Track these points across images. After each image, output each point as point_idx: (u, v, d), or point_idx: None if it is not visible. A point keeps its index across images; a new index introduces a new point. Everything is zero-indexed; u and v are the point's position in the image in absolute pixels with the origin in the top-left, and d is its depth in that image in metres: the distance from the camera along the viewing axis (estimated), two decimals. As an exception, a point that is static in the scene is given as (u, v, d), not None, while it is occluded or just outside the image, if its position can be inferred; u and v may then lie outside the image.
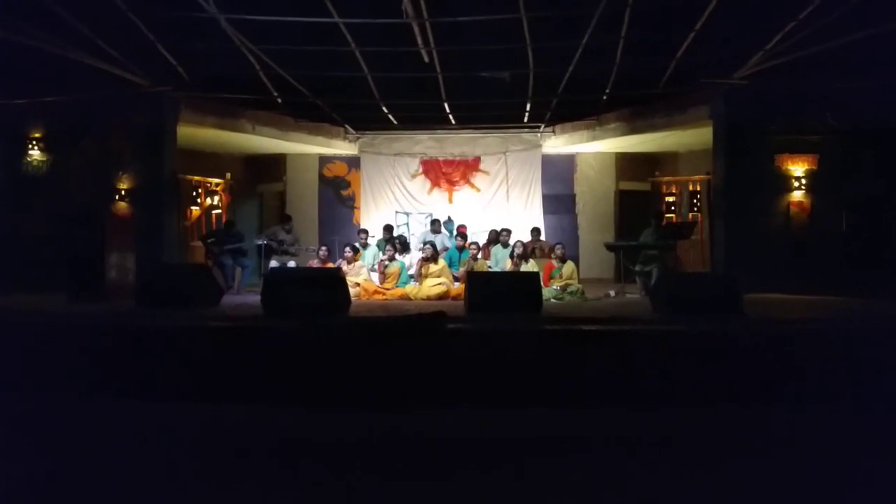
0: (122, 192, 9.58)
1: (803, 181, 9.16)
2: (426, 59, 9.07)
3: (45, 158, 9.76)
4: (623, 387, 5.21)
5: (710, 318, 6.19)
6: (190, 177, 11.51)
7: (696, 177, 11.47)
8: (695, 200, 11.49)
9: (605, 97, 10.45)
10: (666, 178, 12.05)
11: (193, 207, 11.71)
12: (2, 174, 9.78)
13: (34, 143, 9.73)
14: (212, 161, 12.16)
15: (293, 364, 5.48)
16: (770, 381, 5.23)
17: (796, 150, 9.24)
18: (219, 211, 12.10)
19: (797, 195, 9.18)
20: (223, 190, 12.33)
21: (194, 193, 11.76)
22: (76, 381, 5.30)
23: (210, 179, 12.06)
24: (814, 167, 9.18)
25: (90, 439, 4.27)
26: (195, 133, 10.42)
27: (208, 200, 12.02)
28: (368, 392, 5.18)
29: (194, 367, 5.47)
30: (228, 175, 12.42)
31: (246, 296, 8.84)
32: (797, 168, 9.20)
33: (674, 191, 11.88)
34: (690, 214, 11.47)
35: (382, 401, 5.04)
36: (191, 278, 7.58)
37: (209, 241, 10.08)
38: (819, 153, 9.16)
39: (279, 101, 10.67)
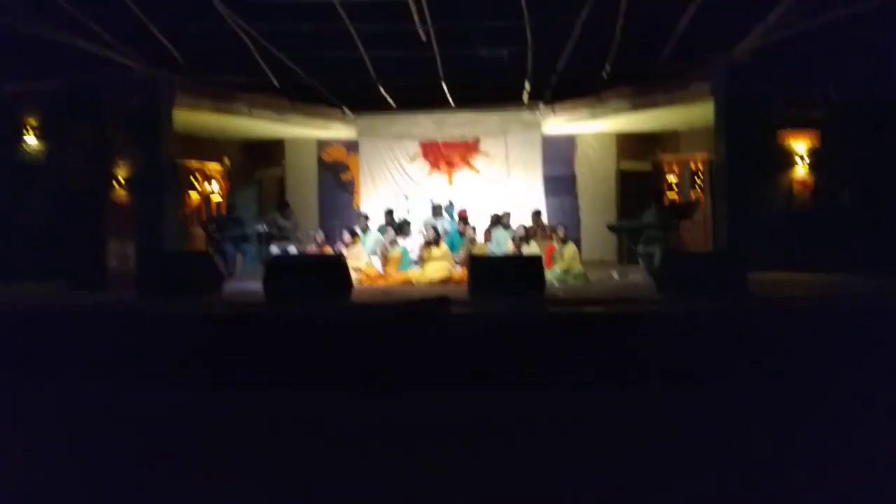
0: (121, 179, 9.49)
1: (806, 157, 9.08)
2: (423, 37, 8.94)
3: (41, 145, 9.67)
4: (630, 368, 5.18)
5: (716, 297, 6.16)
6: (188, 162, 11.41)
7: (698, 155, 11.37)
8: (696, 179, 11.42)
9: (605, 74, 10.32)
10: (667, 158, 11.95)
11: (192, 193, 11.63)
12: (-2, 162, 9.70)
13: (30, 129, 9.63)
14: (209, 146, 12.05)
15: (296, 350, 5.46)
16: (777, 359, 5.20)
17: (799, 125, 9.14)
18: (218, 197, 12.03)
19: (800, 172, 9.11)
20: (222, 176, 12.24)
21: (193, 179, 11.68)
22: (80, 370, 5.28)
23: (208, 165, 11.97)
24: (817, 143, 9.09)
25: (96, 428, 4.25)
26: (192, 117, 10.31)
27: (207, 186, 11.94)
28: (372, 377, 5.16)
29: (198, 354, 5.44)
30: (227, 160, 12.32)
31: (247, 282, 8.80)
32: (800, 144, 9.11)
33: (675, 170, 11.79)
34: (693, 193, 11.40)
35: (386, 386, 5.02)
36: (192, 265, 7.55)
37: (210, 227, 10.02)
38: (822, 129, 9.07)
39: (275, 82, 10.54)
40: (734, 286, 6.43)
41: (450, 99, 11.64)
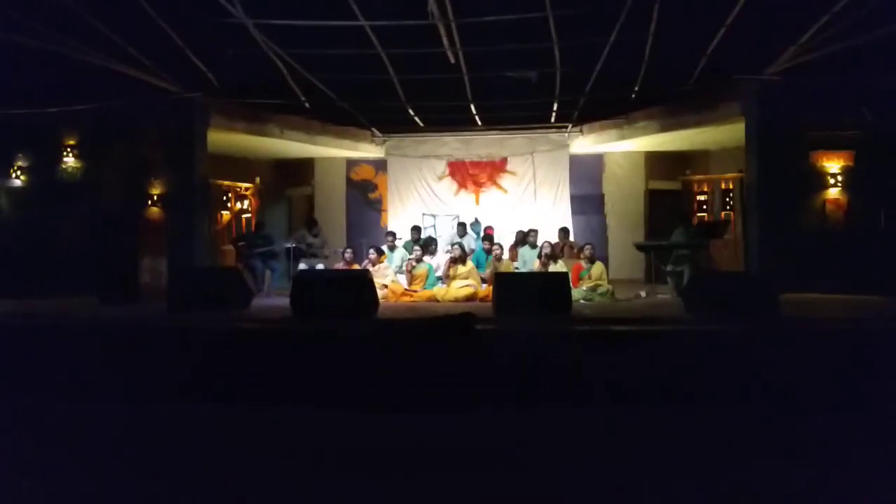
0: (155, 198, 9.72)
1: (839, 178, 8.94)
2: (452, 59, 9.05)
3: (79, 165, 9.96)
4: (656, 388, 5.12)
5: (745, 318, 6.06)
6: (220, 181, 11.64)
7: (729, 175, 11.26)
8: (727, 199, 11.29)
9: (633, 95, 10.31)
10: (697, 177, 11.85)
11: (224, 212, 11.85)
12: (38, 181, 10.02)
13: (68, 150, 9.94)
14: (241, 166, 12.29)
15: (322, 365, 5.50)
16: (806, 382, 5.09)
17: (832, 146, 9.01)
18: (248, 215, 12.24)
19: (833, 192, 8.96)
20: (252, 194, 12.46)
21: (224, 198, 11.90)
22: (109, 384, 5.38)
23: (240, 184, 12.20)
24: (850, 164, 8.95)
25: (121, 441, 4.32)
26: (225, 138, 10.53)
27: (238, 205, 12.16)
28: (396, 393, 5.16)
29: (226, 369, 5.51)
30: (258, 179, 12.55)
31: (275, 298, 8.90)
32: (833, 165, 8.98)
33: (705, 189, 11.68)
34: (723, 213, 11.27)
35: (410, 402, 5.02)
36: (221, 281, 7.68)
37: (240, 244, 10.18)
38: (855, 149, 8.93)
39: (306, 105, 10.74)
40: (765, 307, 6.30)
41: (477, 119, 11.73)
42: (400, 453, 4.01)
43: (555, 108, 11.21)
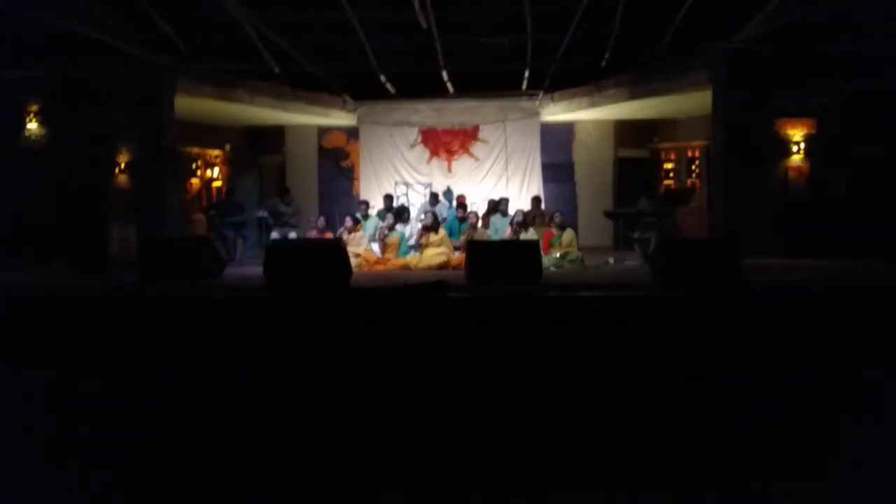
0: (122, 165, 9.55)
1: (802, 145, 9.14)
2: (424, 24, 8.98)
3: (43, 131, 9.70)
4: (623, 353, 5.27)
5: (710, 283, 6.25)
6: (189, 149, 11.48)
7: (695, 142, 11.44)
8: (693, 166, 11.50)
9: (604, 63, 10.37)
10: (665, 145, 12.01)
11: (193, 179, 11.71)
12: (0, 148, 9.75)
13: (32, 115, 9.67)
14: (211, 133, 12.10)
15: (295, 334, 5.55)
16: (770, 345, 5.29)
17: (796, 114, 9.19)
18: (219, 183, 12.11)
19: (796, 159, 9.17)
20: (223, 162, 12.31)
21: (194, 166, 11.75)
22: (79, 354, 5.37)
23: (209, 151, 12.04)
24: (813, 131, 9.15)
25: (97, 411, 4.34)
26: (193, 104, 10.35)
27: (208, 172, 12.02)
28: (369, 361, 5.24)
29: (199, 338, 5.53)
30: (228, 147, 12.38)
31: (248, 267, 8.89)
32: (796, 132, 9.17)
33: (672, 157, 11.87)
34: (689, 181, 11.48)
35: (383, 369, 5.10)
36: (193, 250, 7.64)
37: (210, 212, 10.10)
38: (818, 117, 9.13)
39: (276, 70, 10.58)
40: (729, 272, 6.51)
41: (449, 87, 11.68)
42: (373, 418, 4.10)
43: (526, 75, 11.21)
